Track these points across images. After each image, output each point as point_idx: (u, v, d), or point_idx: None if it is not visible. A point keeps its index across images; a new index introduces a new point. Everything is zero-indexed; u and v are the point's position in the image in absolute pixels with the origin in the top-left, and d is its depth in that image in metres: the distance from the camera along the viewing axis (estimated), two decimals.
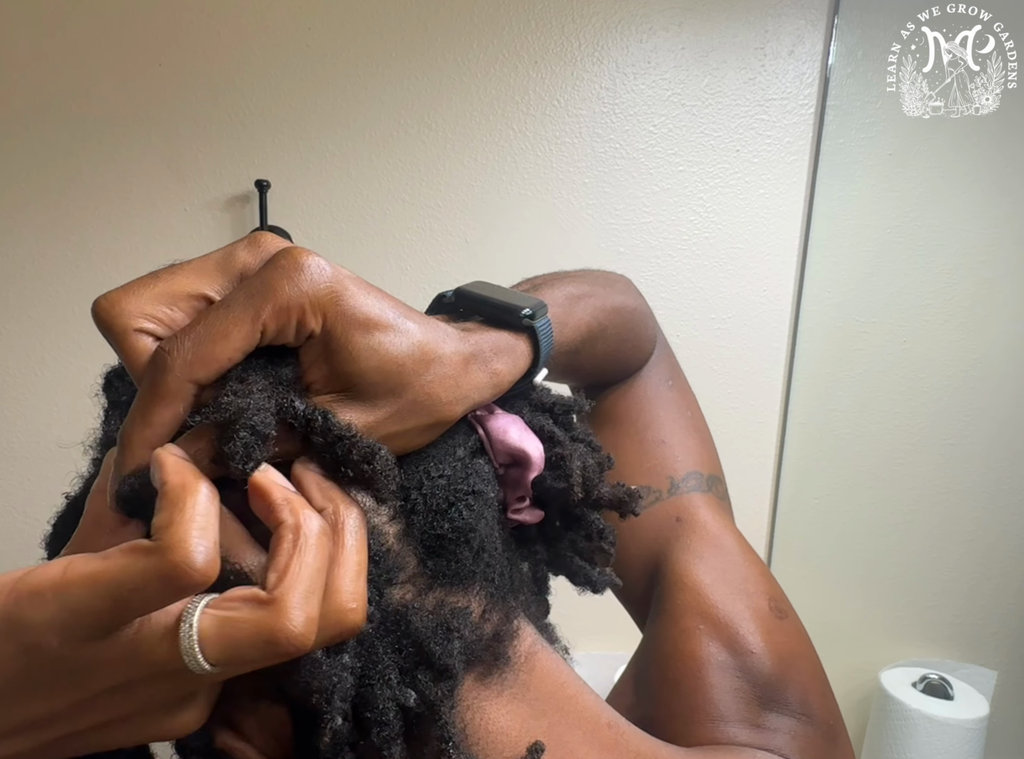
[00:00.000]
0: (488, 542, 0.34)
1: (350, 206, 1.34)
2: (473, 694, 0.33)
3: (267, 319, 0.27)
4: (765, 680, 0.43)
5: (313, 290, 0.28)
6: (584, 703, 0.36)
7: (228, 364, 0.27)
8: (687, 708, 0.43)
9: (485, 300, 0.37)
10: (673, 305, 1.37)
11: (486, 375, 0.33)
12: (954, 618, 1.51)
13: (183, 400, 0.27)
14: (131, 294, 0.28)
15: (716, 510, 0.52)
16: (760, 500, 1.44)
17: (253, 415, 0.27)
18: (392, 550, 0.31)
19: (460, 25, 1.29)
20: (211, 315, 0.27)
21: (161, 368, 0.27)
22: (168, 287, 0.28)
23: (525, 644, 0.35)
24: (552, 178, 1.34)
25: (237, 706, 0.31)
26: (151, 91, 1.31)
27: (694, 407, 0.59)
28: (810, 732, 0.42)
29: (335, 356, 0.29)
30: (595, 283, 0.49)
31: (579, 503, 0.38)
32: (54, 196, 1.33)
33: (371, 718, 0.30)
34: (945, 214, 1.38)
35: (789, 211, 1.34)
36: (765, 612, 0.46)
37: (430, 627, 0.31)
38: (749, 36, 1.29)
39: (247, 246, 0.29)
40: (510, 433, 0.36)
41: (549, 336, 0.37)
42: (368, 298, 0.29)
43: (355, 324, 0.28)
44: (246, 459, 0.26)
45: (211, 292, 0.29)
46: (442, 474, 0.33)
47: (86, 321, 1.43)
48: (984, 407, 1.43)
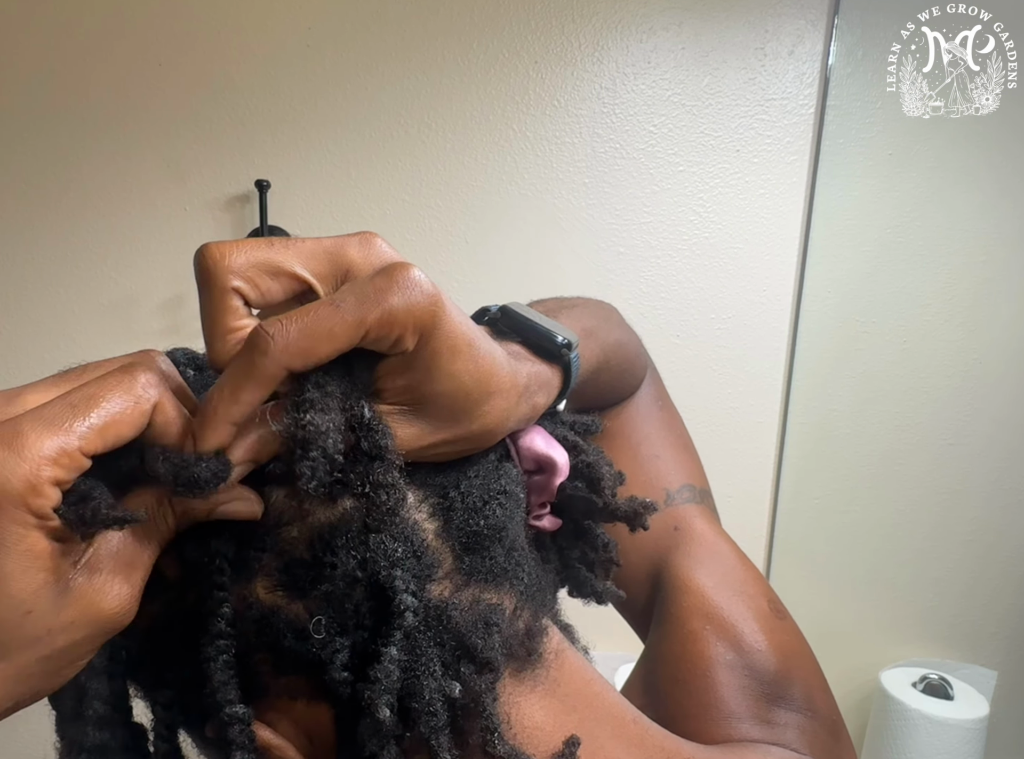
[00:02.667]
0: (517, 542, 0.35)
1: (350, 206, 1.34)
2: (508, 690, 0.33)
3: (371, 327, 0.28)
4: (771, 677, 0.45)
5: (420, 309, 0.28)
6: (611, 700, 0.37)
7: (325, 360, 0.28)
8: (699, 707, 0.44)
9: (530, 325, 0.38)
10: (673, 305, 1.37)
11: (529, 408, 0.35)
12: (954, 618, 1.51)
13: (274, 385, 0.28)
14: (242, 253, 0.28)
15: (710, 520, 0.54)
16: (760, 500, 1.44)
17: (327, 438, 0.27)
18: (431, 546, 0.32)
19: (460, 25, 1.29)
20: (321, 310, 0.27)
21: (261, 350, 0.27)
22: (277, 258, 0.29)
23: (554, 641, 0.36)
24: (552, 178, 1.34)
25: (273, 707, 0.31)
26: (151, 91, 1.31)
27: (682, 426, 0.61)
28: (816, 727, 0.44)
29: (417, 374, 0.29)
30: (596, 316, 0.50)
31: (598, 512, 0.39)
32: (54, 196, 1.33)
33: (418, 709, 0.30)
34: (945, 214, 1.38)
35: (789, 211, 1.34)
36: (766, 612, 0.48)
37: (470, 621, 0.32)
38: (749, 36, 1.29)
39: (359, 244, 0.30)
40: (536, 441, 0.37)
41: (576, 371, 0.39)
42: (460, 324, 0.30)
43: (445, 348, 0.29)
44: (311, 479, 0.27)
45: (312, 278, 0.29)
46: (477, 474, 0.34)
47: (86, 321, 1.43)
48: (984, 407, 1.43)
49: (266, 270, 0.28)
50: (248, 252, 0.28)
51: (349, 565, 0.30)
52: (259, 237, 0.29)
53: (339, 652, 0.30)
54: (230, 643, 0.30)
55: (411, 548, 0.31)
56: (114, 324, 1.35)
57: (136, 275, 1.35)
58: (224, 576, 0.30)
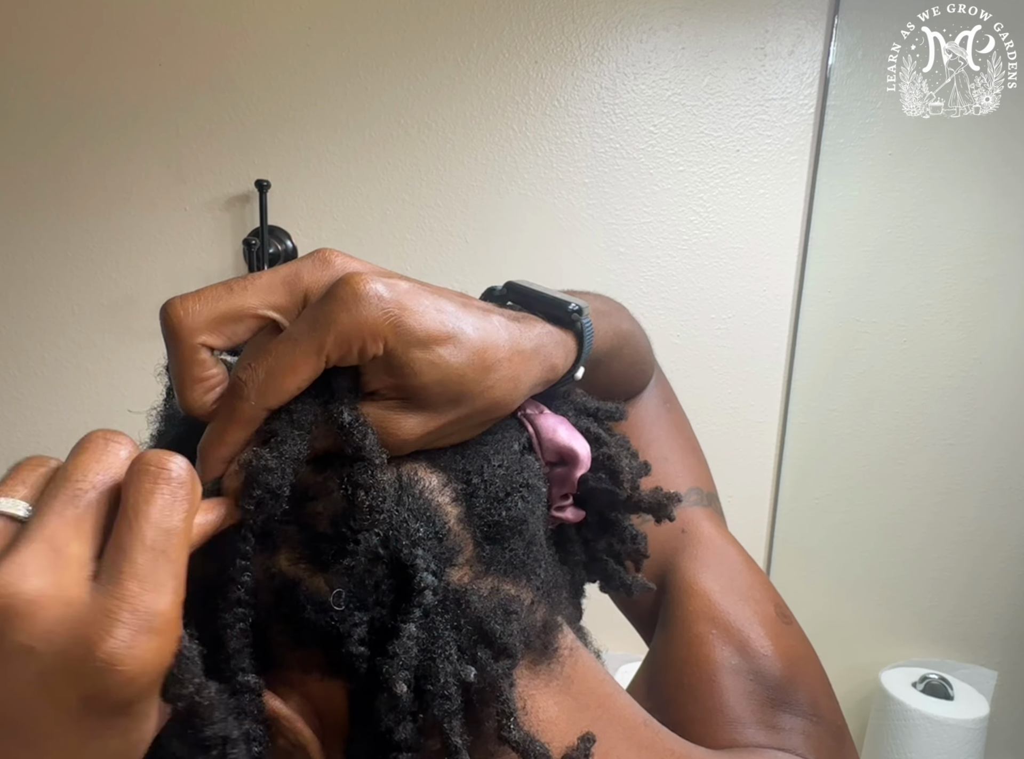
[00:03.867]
0: (537, 537, 0.36)
1: (350, 206, 1.34)
2: (524, 681, 0.33)
3: (330, 350, 0.29)
4: (776, 682, 0.45)
5: (371, 318, 0.29)
6: (622, 702, 0.37)
7: (297, 392, 0.30)
8: (704, 711, 0.44)
9: (537, 295, 0.38)
10: (673, 305, 1.37)
11: (545, 370, 0.35)
12: (954, 618, 1.51)
13: (256, 424, 0.30)
14: (204, 307, 0.29)
15: (718, 524, 0.54)
16: (760, 500, 1.44)
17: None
18: (453, 531, 0.32)
19: (460, 25, 1.29)
20: (280, 347, 0.29)
21: (238, 396, 0.30)
22: (237, 303, 0.30)
23: (568, 639, 0.36)
24: (552, 178, 1.34)
25: (286, 680, 0.32)
26: (151, 91, 1.31)
27: (690, 429, 0.61)
28: (821, 732, 0.44)
29: (397, 372, 0.30)
30: (609, 304, 0.50)
31: (621, 504, 0.39)
32: (54, 196, 1.34)
33: (432, 691, 0.30)
34: (945, 214, 1.38)
35: (789, 211, 1.34)
36: (772, 617, 0.48)
37: (489, 608, 0.32)
38: (749, 36, 1.29)
39: (312, 265, 0.31)
40: (559, 432, 0.37)
41: (591, 336, 0.39)
42: (425, 314, 0.30)
43: (414, 343, 0.30)
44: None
45: (275, 313, 0.30)
46: (501, 464, 0.34)
47: (86, 321, 1.43)
48: (984, 407, 1.43)
49: (229, 318, 0.30)
50: (209, 304, 0.29)
51: (371, 542, 0.30)
52: (219, 284, 0.30)
53: (357, 626, 0.30)
54: (248, 612, 0.30)
55: (433, 529, 0.31)
56: (114, 324, 1.35)
57: (136, 275, 1.35)
58: (248, 545, 0.30)
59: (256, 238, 1.28)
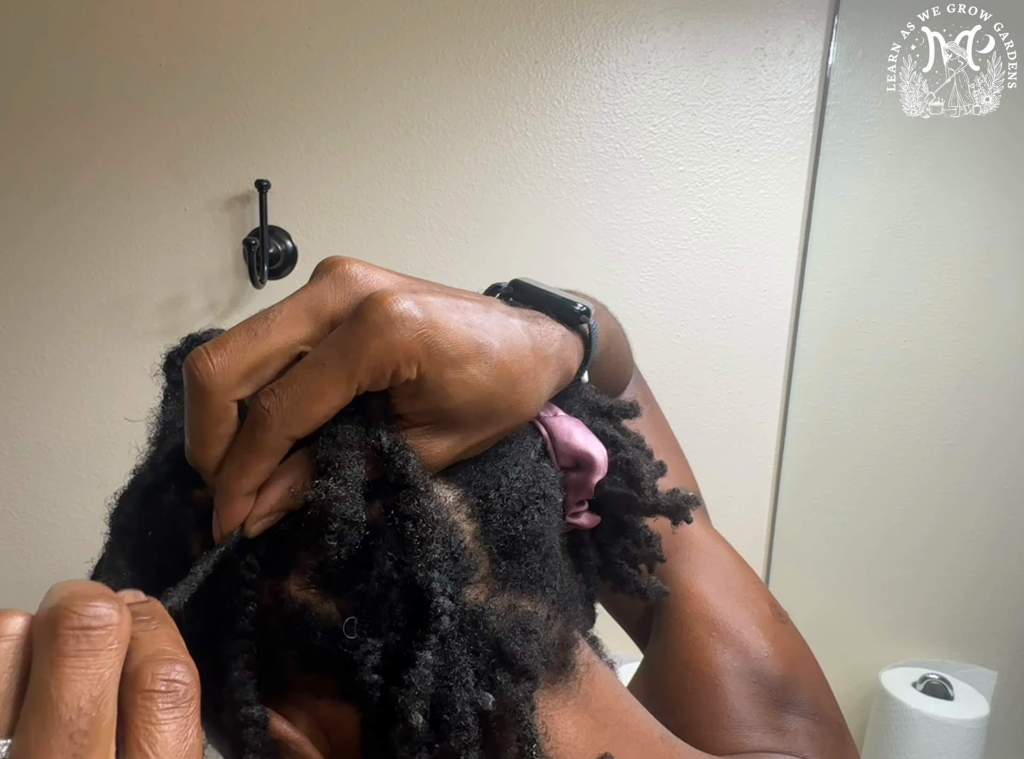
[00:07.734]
0: (553, 549, 0.34)
1: (350, 206, 1.34)
2: (542, 703, 0.32)
3: (361, 377, 0.28)
4: (778, 683, 0.44)
5: (405, 342, 0.28)
6: (638, 716, 0.36)
7: (324, 420, 0.28)
8: (708, 715, 0.43)
9: (546, 296, 0.37)
10: (673, 305, 1.37)
11: (563, 374, 0.34)
12: (954, 618, 1.50)
13: (280, 454, 0.28)
14: (231, 360, 0.28)
15: (705, 523, 0.54)
16: (760, 500, 1.44)
17: (344, 504, 0.27)
18: (468, 548, 0.31)
19: (460, 25, 1.29)
20: (307, 373, 0.28)
21: (261, 426, 0.28)
22: (264, 349, 0.28)
23: (584, 654, 0.35)
24: (552, 178, 1.34)
25: (295, 701, 0.31)
26: (151, 91, 1.31)
27: (670, 429, 0.61)
28: (824, 731, 0.43)
29: (430, 395, 0.29)
30: (595, 303, 0.50)
31: (639, 508, 0.38)
32: (54, 196, 1.33)
33: (449, 722, 0.29)
34: (945, 214, 1.38)
35: (789, 211, 1.34)
36: (769, 617, 0.48)
37: (507, 627, 0.31)
38: (749, 36, 1.29)
39: (335, 286, 0.29)
40: (575, 435, 0.36)
41: (596, 338, 0.38)
42: (457, 331, 0.29)
43: (448, 363, 0.29)
44: (339, 549, 0.28)
45: (304, 347, 0.29)
46: (518, 476, 0.33)
47: (86, 321, 1.43)
48: (984, 407, 1.43)
49: (259, 366, 0.28)
50: (236, 357, 0.28)
51: (385, 566, 0.29)
52: (239, 328, 0.28)
53: (371, 654, 0.29)
54: (252, 643, 0.29)
55: (449, 550, 0.30)
56: (114, 324, 1.35)
57: (136, 275, 1.35)
58: (253, 573, 0.29)
59: (256, 238, 1.28)
